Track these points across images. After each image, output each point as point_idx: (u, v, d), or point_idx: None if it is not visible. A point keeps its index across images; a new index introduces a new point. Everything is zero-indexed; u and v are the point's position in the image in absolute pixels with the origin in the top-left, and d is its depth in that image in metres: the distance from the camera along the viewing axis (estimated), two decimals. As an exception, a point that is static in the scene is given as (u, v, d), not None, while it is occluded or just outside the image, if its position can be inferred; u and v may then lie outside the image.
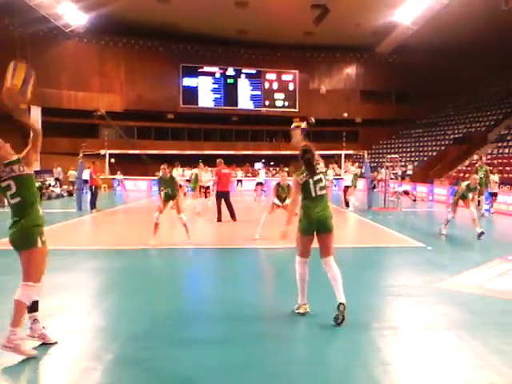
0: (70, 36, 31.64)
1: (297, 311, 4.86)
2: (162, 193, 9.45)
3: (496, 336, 4.38)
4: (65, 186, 24.57)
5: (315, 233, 4.71)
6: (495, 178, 15.88)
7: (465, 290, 5.90)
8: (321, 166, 4.77)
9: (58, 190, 23.54)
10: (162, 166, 9.61)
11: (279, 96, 36.87)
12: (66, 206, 17.89)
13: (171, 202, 9.41)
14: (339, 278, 4.63)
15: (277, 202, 9.91)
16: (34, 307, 4.15)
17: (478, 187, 11.02)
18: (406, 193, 21.33)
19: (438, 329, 4.65)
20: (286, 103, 36.93)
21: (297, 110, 36.82)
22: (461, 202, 10.55)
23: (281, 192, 9.91)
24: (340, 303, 4.52)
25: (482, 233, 9.92)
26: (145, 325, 4.72)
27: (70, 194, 23.84)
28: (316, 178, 4.68)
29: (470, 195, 10.48)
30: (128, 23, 30.80)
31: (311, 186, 4.67)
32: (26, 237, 3.95)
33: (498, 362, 3.78)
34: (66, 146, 30.24)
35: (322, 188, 4.69)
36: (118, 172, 26.88)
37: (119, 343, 4.24)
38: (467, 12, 24.56)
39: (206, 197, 18.45)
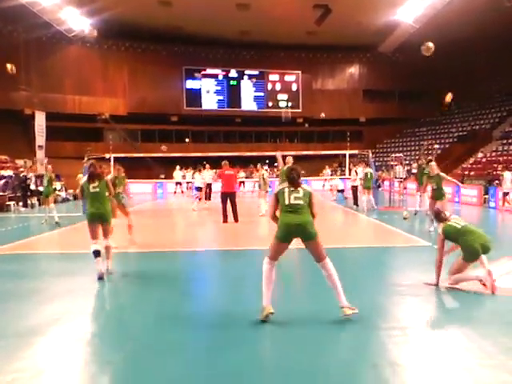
0: (73, 41, 31.77)
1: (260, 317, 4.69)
2: None
3: (506, 335, 4.35)
4: (70, 190, 24.64)
5: (301, 241, 4.73)
6: (507, 176, 15.68)
7: (473, 288, 5.86)
8: (303, 188, 4.78)
9: (63, 194, 23.63)
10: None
11: (282, 97, 36.84)
12: (71, 209, 17.94)
13: None
14: (336, 282, 4.64)
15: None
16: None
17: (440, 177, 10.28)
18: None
19: (447, 328, 4.63)
20: (290, 104, 36.90)
21: (300, 111, 36.85)
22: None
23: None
24: (341, 307, 4.58)
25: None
26: (153, 329, 4.72)
27: (76, 197, 23.91)
28: (293, 189, 4.74)
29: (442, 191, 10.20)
30: (130, 27, 30.89)
31: (286, 194, 4.71)
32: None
33: (509, 361, 3.75)
34: (71, 150, 30.39)
35: (297, 198, 4.69)
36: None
37: (128, 347, 4.24)
38: (470, 9, 24.46)
39: (206, 198, 18.43)
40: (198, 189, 18.21)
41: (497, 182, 17.50)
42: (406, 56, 35.64)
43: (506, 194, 15.63)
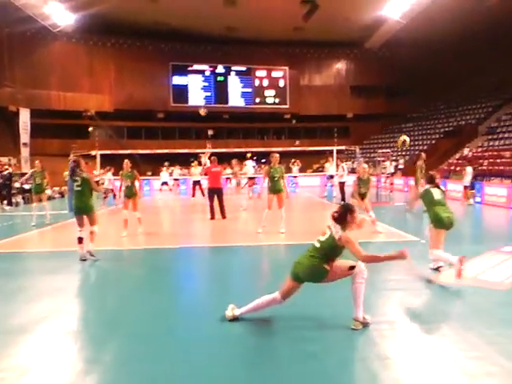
0: (58, 36, 31.41)
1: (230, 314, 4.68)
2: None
3: (491, 327, 4.42)
4: (56, 188, 24.38)
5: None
6: (468, 170, 16.66)
7: (459, 282, 5.94)
8: (334, 228, 4.43)
9: (49, 192, 23.36)
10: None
11: (270, 93, 36.85)
12: (57, 207, 17.77)
13: None
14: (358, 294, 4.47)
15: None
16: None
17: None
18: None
19: (434, 321, 4.69)
20: (277, 100, 36.92)
21: (288, 107, 36.90)
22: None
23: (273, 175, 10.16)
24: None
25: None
26: (141, 324, 4.71)
27: (62, 195, 23.69)
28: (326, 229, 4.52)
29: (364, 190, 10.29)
30: (116, 23, 30.66)
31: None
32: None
33: (494, 353, 3.82)
34: (56, 147, 30.02)
35: (318, 240, 4.49)
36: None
37: (116, 344, 4.24)
38: (455, 5, 24.66)
39: (193, 195, 18.88)
40: (196, 182, 18.56)
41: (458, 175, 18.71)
42: (393, 52, 35.91)
43: (466, 187, 16.64)
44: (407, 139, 7.53)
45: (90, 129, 23.05)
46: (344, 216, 4.42)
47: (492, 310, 4.92)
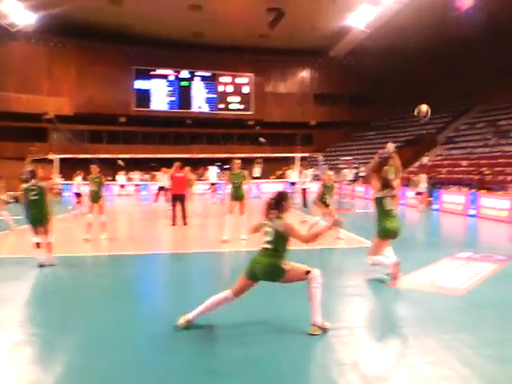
0: (16, 36, 30.38)
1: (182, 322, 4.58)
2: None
3: (447, 332, 4.48)
4: (11, 193, 23.51)
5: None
6: (422, 177, 17.43)
7: (416, 288, 6.03)
8: (271, 223, 4.50)
9: (4, 197, 22.49)
10: None
11: (234, 99, 36.83)
12: (13, 212, 17.13)
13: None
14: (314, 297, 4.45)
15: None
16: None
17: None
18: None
19: (392, 327, 4.73)
20: (241, 106, 36.94)
21: (252, 113, 36.94)
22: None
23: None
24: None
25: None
26: (95, 334, 4.56)
27: (17, 200, 22.86)
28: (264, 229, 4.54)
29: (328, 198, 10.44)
30: (78, 24, 29.91)
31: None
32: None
33: (450, 358, 3.87)
34: (12, 150, 28.96)
35: (266, 233, 4.51)
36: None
37: (69, 353, 4.08)
38: (419, 17, 25.29)
39: (156, 200, 18.62)
40: (161, 188, 18.32)
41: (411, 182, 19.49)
42: (357, 61, 36.50)
43: (421, 193, 17.22)
44: (423, 109, 6.85)
45: (50, 156, 22.32)
46: (280, 202, 4.56)
47: (449, 316, 5.01)
